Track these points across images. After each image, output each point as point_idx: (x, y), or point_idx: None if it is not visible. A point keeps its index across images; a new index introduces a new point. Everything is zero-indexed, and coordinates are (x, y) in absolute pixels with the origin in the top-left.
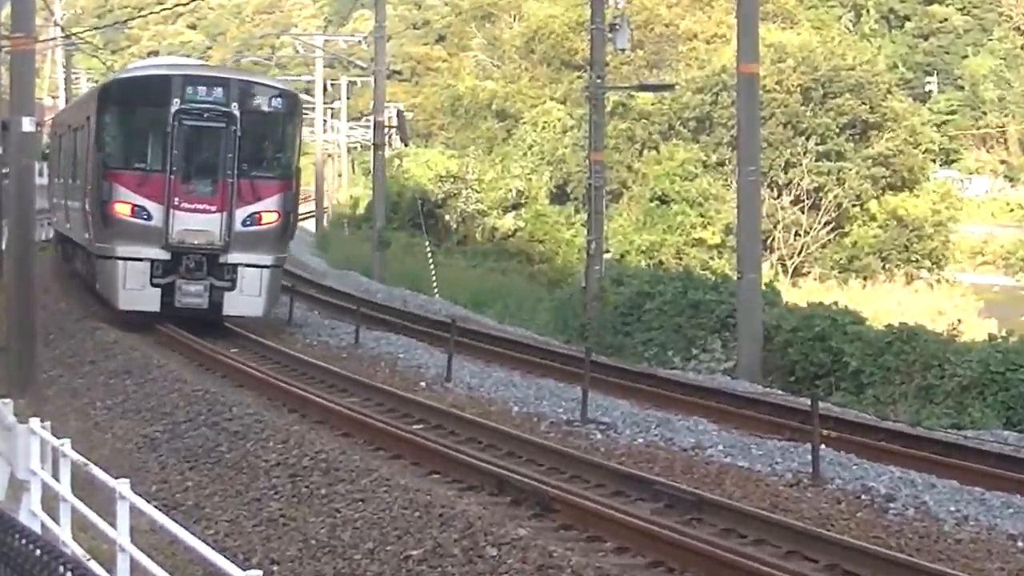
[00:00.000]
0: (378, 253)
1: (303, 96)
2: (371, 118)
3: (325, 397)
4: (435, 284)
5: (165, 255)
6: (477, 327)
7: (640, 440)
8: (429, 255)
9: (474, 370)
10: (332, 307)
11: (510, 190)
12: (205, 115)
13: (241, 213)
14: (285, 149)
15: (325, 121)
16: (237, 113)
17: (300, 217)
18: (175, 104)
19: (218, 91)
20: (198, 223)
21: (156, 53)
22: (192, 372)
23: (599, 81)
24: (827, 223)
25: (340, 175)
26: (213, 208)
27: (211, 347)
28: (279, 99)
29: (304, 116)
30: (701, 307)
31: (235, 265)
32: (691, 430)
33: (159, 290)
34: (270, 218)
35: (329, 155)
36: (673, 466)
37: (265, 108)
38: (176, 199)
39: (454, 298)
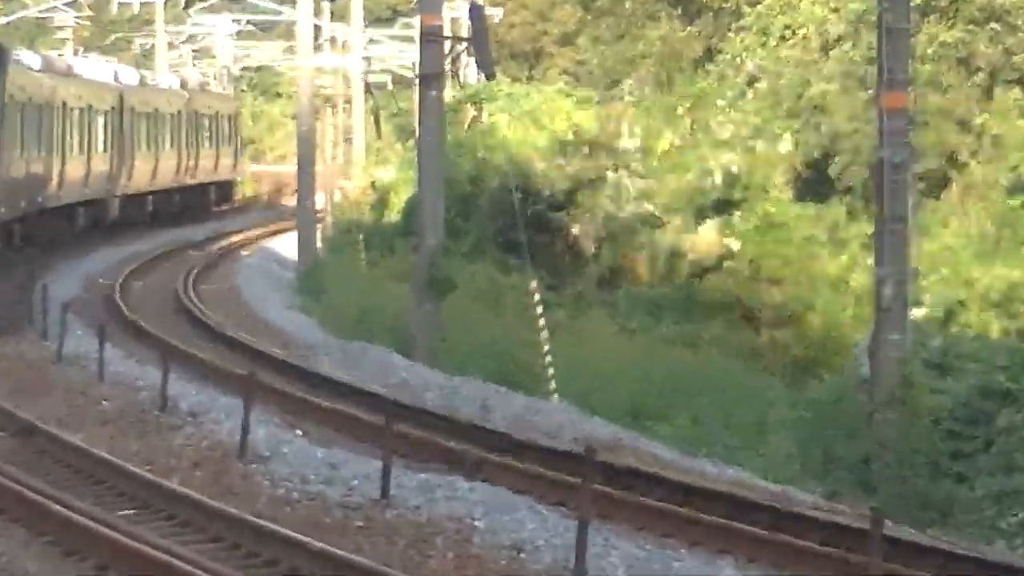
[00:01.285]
0: (429, 307)
1: None
2: (412, 22)
3: None
4: (551, 372)
5: None
6: (639, 463)
7: None
8: (538, 310)
9: (636, 554)
10: (333, 419)
11: (710, 172)
12: None
13: None
14: None
15: (318, 31)
16: None
17: (267, 232)
18: None
19: None
20: None
21: None
22: (45, 561)
23: None
24: None
25: (350, 139)
26: None
27: (87, 511)
28: None
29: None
30: None
31: None
32: None
33: None
34: None
35: (328, 101)
36: None
37: None
38: None
39: (591, 402)
